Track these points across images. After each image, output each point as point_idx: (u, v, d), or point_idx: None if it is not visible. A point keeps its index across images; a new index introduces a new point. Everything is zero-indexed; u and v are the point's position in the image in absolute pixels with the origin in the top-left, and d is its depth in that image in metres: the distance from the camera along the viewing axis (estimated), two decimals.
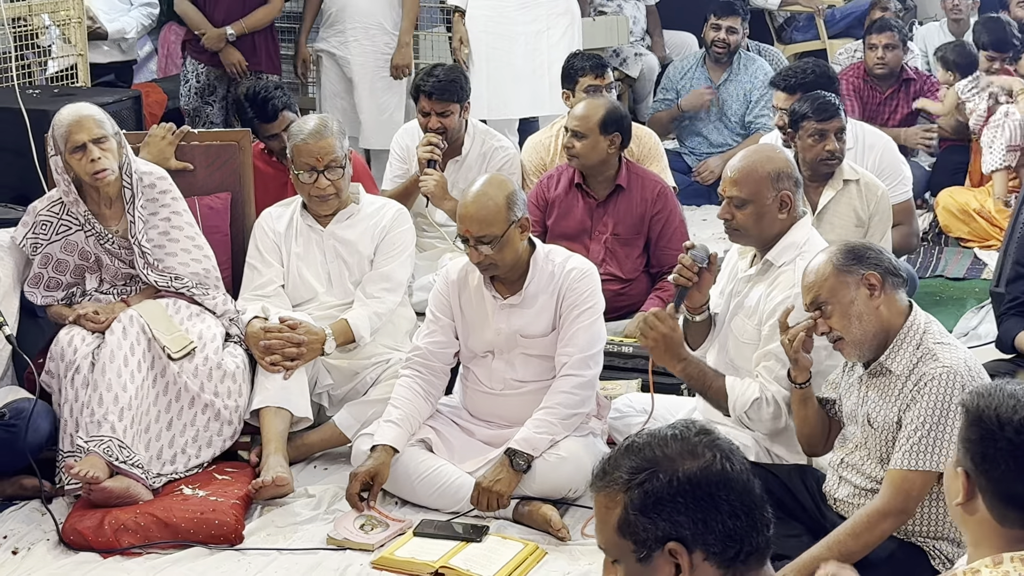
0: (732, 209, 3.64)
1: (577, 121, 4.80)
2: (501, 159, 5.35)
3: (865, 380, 3.22)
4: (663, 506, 1.83)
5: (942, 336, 3.18)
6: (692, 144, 7.23)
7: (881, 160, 5.26)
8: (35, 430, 3.87)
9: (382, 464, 3.83)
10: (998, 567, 2.01)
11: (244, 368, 4.20)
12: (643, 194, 4.86)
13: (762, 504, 1.88)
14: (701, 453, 1.86)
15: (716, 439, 1.90)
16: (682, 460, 1.85)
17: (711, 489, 1.84)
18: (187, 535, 3.69)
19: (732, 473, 1.85)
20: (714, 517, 1.83)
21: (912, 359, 3.12)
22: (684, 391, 4.30)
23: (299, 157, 4.36)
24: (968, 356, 3.14)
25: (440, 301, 4.04)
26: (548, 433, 3.82)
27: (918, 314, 3.19)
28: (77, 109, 4.15)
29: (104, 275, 4.26)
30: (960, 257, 6.11)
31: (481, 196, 3.83)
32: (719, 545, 1.83)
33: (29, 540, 3.74)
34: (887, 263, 3.19)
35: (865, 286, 3.14)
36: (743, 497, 1.85)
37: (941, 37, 8.33)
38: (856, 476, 3.25)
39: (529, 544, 3.63)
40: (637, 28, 8.12)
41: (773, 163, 3.64)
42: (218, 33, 6.27)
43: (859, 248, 3.22)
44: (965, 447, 2.08)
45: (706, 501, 1.83)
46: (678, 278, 3.67)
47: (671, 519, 1.83)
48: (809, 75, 5.32)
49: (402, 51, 6.63)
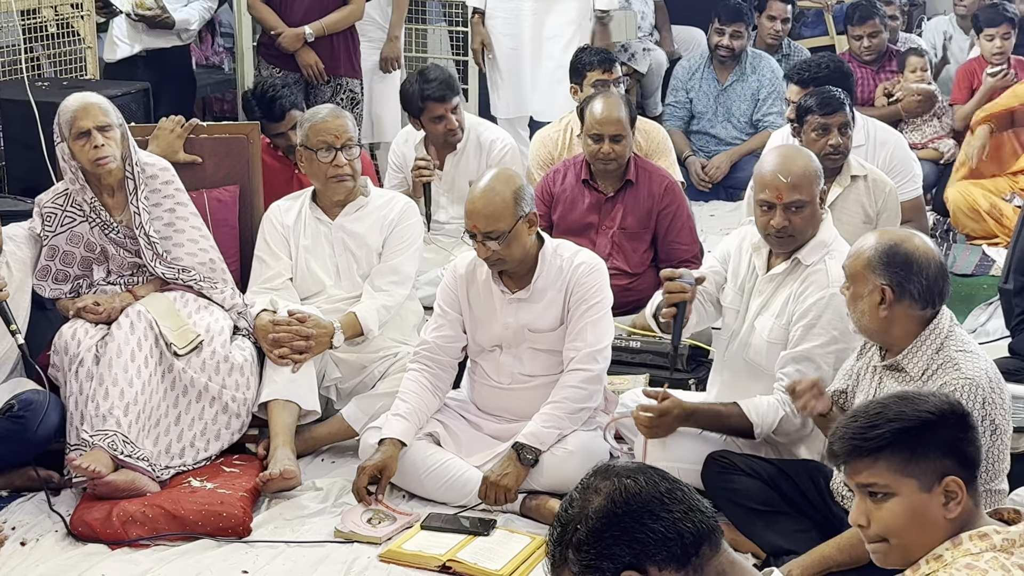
0: (790, 215, 3.56)
1: (614, 126, 4.73)
2: (500, 151, 5.35)
3: (880, 371, 3.21)
4: (595, 550, 1.86)
5: (965, 343, 3.13)
6: (700, 143, 7.22)
7: (892, 157, 5.26)
8: (44, 422, 3.88)
9: (390, 458, 3.83)
10: (958, 547, 2.08)
11: (252, 361, 4.20)
12: (651, 188, 4.86)
13: (681, 493, 1.89)
14: (598, 487, 1.89)
15: (610, 468, 1.93)
16: (588, 504, 1.88)
17: (625, 510, 1.86)
18: (195, 527, 3.70)
19: (637, 487, 1.88)
20: (643, 532, 1.85)
21: (930, 362, 3.10)
22: (691, 386, 4.30)
23: (317, 136, 4.35)
24: (989, 366, 3.10)
25: (448, 295, 4.04)
26: (556, 427, 3.83)
27: (943, 317, 3.15)
28: (83, 97, 4.18)
29: (111, 266, 4.27)
30: (968, 254, 6.10)
31: (488, 191, 3.83)
32: (663, 551, 1.85)
33: (37, 531, 3.75)
34: (921, 286, 3.08)
35: (877, 292, 3.13)
36: (657, 500, 1.87)
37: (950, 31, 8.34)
38: None
39: (536, 538, 3.63)
40: (645, 23, 8.11)
41: (813, 161, 3.68)
42: (295, 33, 6.01)
43: (903, 257, 3.10)
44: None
45: (627, 523, 1.86)
46: (671, 298, 3.59)
47: (611, 556, 1.86)
48: (823, 70, 5.34)
49: (391, 44, 6.55)
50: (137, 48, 6.30)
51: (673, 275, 3.64)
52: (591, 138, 4.81)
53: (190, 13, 6.44)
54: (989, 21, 7.01)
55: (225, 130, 4.82)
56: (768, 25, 7.57)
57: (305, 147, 4.40)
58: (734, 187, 6.87)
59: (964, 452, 2.14)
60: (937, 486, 2.10)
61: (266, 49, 6.27)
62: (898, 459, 2.11)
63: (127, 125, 4.27)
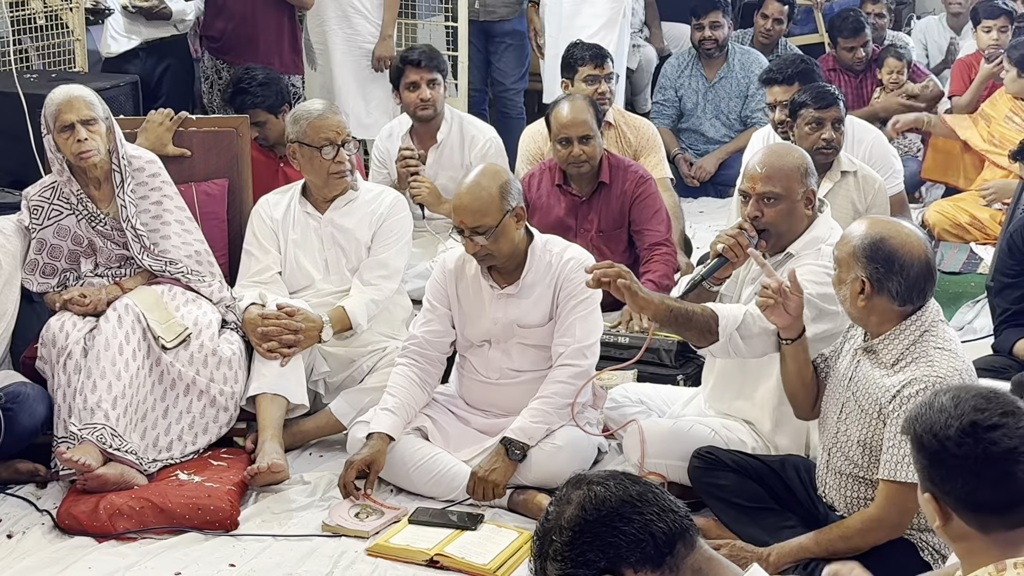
0: (761, 206, 3.54)
1: (581, 127, 4.70)
2: (483, 146, 5.36)
3: (859, 354, 3.23)
4: (571, 558, 1.88)
5: (946, 341, 3.11)
6: (688, 141, 7.23)
7: (871, 153, 5.28)
8: (31, 414, 3.88)
9: (378, 452, 3.83)
10: (1002, 575, 2.01)
11: (240, 355, 4.20)
12: (623, 187, 4.82)
13: (652, 495, 1.90)
14: (570, 497, 1.92)
15: (582, 477, 1.95)
16: (561, 514, 1.91)
17: (596, 517, 1.88)
18: (182, 520, 3.70)
19: (607, 492, 1.90)
20: (615, 536, 1.87)
21: (904, 352, 3.10)
22: (680, 381, 4.31)
23: (319, 133, 4.33)
24: (966, 368, 3.08)
25: (437, 290, 4.04)
26: (544, 423, 3.83)
27: (928, 311, 3.14)
28: (68, 90, 4.17)
29: (99, 259, 4.26)
30: (956, 252, 6.11)
31: (475, 187, 3.82)
32: (636, 553, 1.86)
33: (24, 524, 3.74)
34: (900, 285, 3.08)
35: (858, 282, 3.13)
36: (628, 504, 1.89)
37: (940, 31, 8.36)
38: (841, 461, 3.25)
39: (524, 533, 3.63)
40: (636, 20, 8.11)
41: (799, 158, 3.61)
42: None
43: (886, 253, 3.09)
44: (922, 473, 2.11)
45: (599, 529, 1.88)
46: (728, 251, 3.52)
47: (586, 563, 1.88)
48: (800, 64, 5.38)
49: (384, 43, 6.54)
50: (136, 41, 6.29)
51: (743, 226, 3.53)
52: (560, 143, 4.76)
53: (187, 6, 6.43)
54: (988, 13, 7.05)
55: (214, 124, 4.81)
56: (761, 23, 7.60)
57: (303, 144, 4.37)
58: (723, 184, 6.89)
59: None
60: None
61: (211, 43, 6.32)
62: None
63: (115, 118, 4.25)
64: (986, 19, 7.04)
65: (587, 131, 4.73)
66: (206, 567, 3.52)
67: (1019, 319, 4.37)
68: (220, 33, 6.36)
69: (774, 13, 7.56)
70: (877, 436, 3.12)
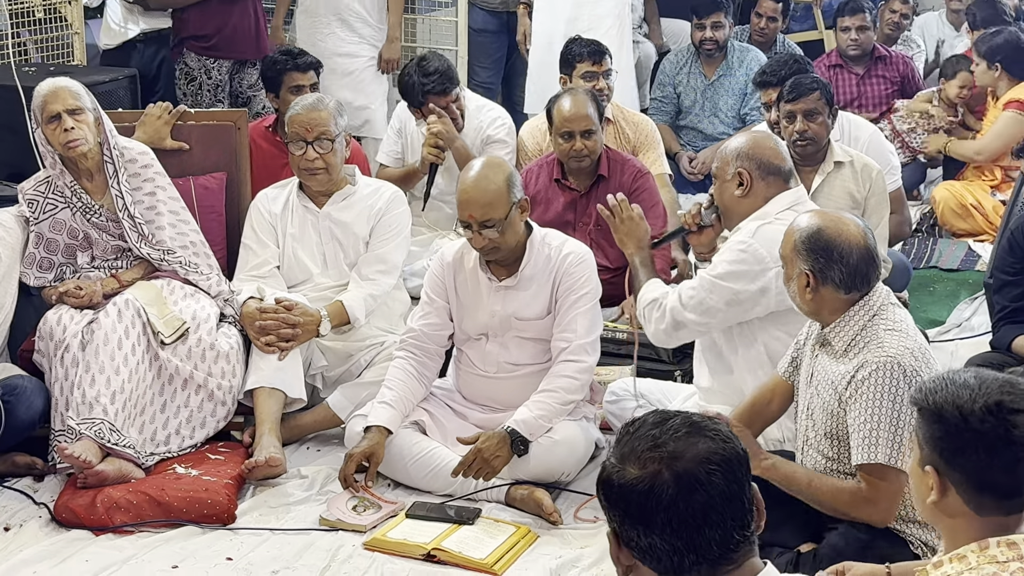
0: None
1: (583, 121, 4.71)
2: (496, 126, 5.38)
3: (816, 349, 3.25)
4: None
5: (896, 322, 3.13)
6: (687, 138, 7.23)
7: (868, 150, 5.27)
8: (29, 407, 3.87)
9: (377, 444, 3.83)
10: (984, 552, 2.02)
11: (238, 348, 4.20)
12: (621, 180, 4.82)
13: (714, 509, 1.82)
14: (644, 464, 1.82)
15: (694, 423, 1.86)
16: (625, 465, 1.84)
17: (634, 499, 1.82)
18: (179, 514, 3.70)
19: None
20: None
21: (855, 338, 3.12)
22: (677, 377, 4.31)
23: (290, 128, 4.39)
24: (918, 346, 3.09)
25: (435, 283, 4.04)
26: (547, 418, 3.82)
27: (875, 295, 3.16)
28: (54, 81, 4.18)
29: (95, 251, 4.26)
30: (954, 248, 6.12)
31: (481, 180, 3.82)
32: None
33: (21, 517, 3.74)
34: (842, 273, 3.11)
35: (803, 276, 3.17)
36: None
37: (940, 27, 8.34)
38: (815, 456, 3.26)
39: (521, 527, 3.64)
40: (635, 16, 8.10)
41: (740, 142, 3.74)
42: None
43: (824, 244, 3.13)
44: (931, 445, 2.07)
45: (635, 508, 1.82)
46: (683, 217, 3.86)
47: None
48: (793, 65, 5.38)
49: (392, 46, 6.51)
50: (134, 31, 6.28)
51: (705, 205, 3.81)
52: (562, 136, 4.76)
53: None
54: (987, 21, 7.00)
55: (212, 117, 4.81)
56: (755, 22, 7.59)
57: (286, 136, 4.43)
58: None
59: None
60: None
61: (195, 42, 6.15)
62: None
63: (114, 112, 4.25)
64: (984, 27, 6.97)
65: (589, 125, 4.73)
66: (203, 561, 3.52)
67: (1017, 316, 4.37)
68: (216, 31, 6.24)
69: (768, 12, 7.53)
70: (842, 425, 3.14)
